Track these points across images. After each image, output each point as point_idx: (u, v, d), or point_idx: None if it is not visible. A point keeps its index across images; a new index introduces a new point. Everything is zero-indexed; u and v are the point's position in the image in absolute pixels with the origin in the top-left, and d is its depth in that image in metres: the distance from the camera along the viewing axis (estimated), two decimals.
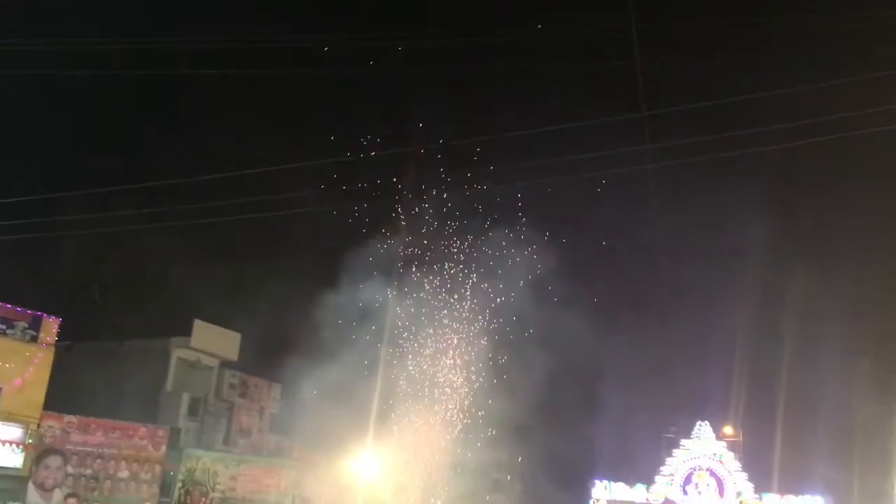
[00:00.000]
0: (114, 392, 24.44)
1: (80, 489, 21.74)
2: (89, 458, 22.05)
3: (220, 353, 31.05)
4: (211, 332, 30.46)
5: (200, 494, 22.56)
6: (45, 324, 24.47)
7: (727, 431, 46.46)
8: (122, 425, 22.92)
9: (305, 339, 19.07)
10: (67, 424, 21.99)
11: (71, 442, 21.90)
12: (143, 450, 22.93)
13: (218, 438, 29.95)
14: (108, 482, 22.23)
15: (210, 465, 23.21)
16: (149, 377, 28.18)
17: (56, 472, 21.48)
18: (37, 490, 21.19)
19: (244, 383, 32.04)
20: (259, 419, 32.35)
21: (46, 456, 21.50)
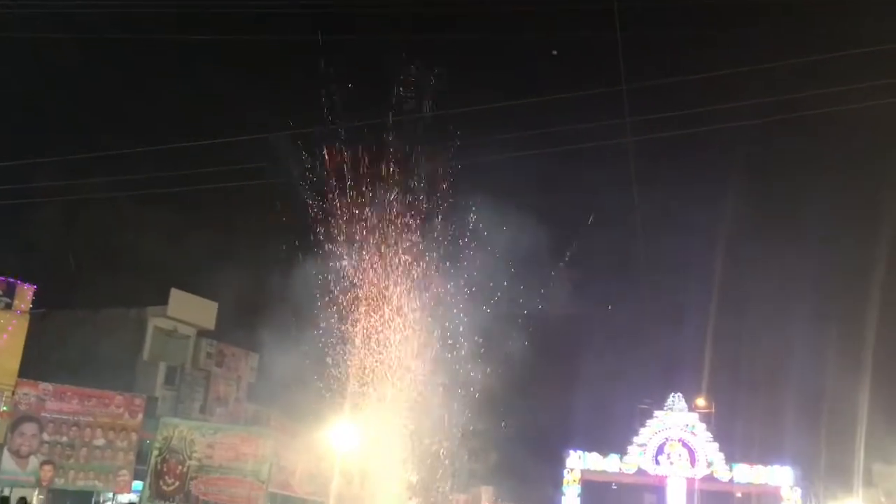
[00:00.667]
0: (90, 361, 24.39)
1: (55, 456, 21.73)
2: (65, 426, 22.01)
3: (198, 323, 31.01)
4: (188, 302, 30.39)
5: (177, 462, 22.62)
6: (19, 291, 24.30)
7: (700, 403, 47.22)
8: (97, 393, 22.87)
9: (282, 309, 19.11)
10: (43, 392, 21.92)
11: (46, 409, 21.84)
12: (119, 418, 22.92)
13: (195, 407, 29.99)
14: (84, 450, 22.21)
15: (187, 433, 23.24)
16: (125, 346, 28.12)
17: (31, 440, 21.45)
18: (12, 457, 21.16)
19: (221, 353, 32.05)
20: (236, 388, 32.41)
21: (21, 423, 21.44)
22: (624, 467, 45.65)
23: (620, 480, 48.06)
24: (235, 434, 24.13)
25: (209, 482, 22.42)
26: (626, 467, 45.62)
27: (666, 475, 44.86)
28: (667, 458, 44.94)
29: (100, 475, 22.54)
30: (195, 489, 22.28)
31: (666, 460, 44.92)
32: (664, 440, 45.13)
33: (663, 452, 45.04)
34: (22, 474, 21.26)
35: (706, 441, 44.95)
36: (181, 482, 22.36)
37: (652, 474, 45.22)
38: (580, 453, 45.86)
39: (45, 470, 21.46)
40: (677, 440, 45.14)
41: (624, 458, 45.62)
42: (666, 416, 45.77)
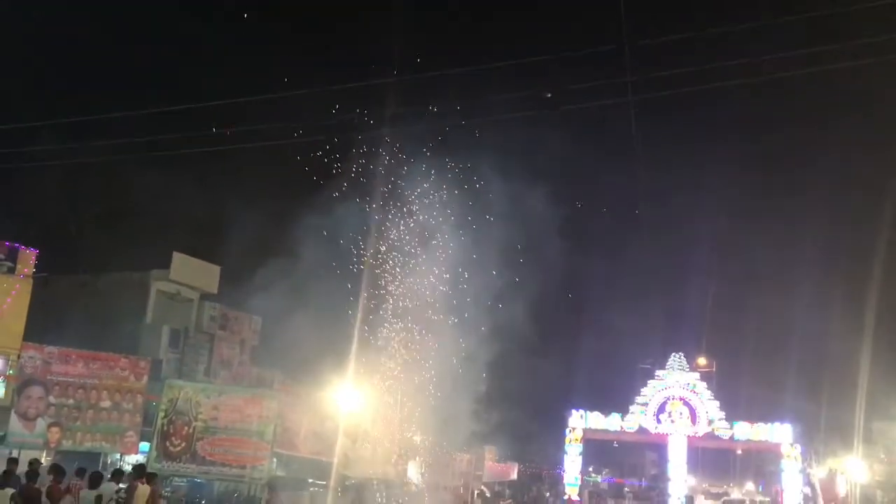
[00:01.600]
0: (94, 324, 24.49)
1: (62, 419, 21.92)
2: (71, 388, 22.17)
3: (200, 286, 31.10)
4: (190, 265, 30.45)
5: (183, 424, 22.79)
6: (21, 255, 24.34)
7: (701, 362, 47.54)
8: (102, 356, 23.01)
9: (285, 273, 19.12)
10: (48, 355, 22.05)
11: (52, 372, 21.99)
12: (124, 380, 23.08)
13: (199, 370, 30.19)
14: (90, 412, 22.41)
15: (192, 395, 23.39)
16: (129, 310, 28.23)
17: (38, 402, 21.62)
18: (19, 420, 21.35)
19: (224, 316, 32.17)
20: (240, 351, 32.60)
21: (28, 386, 21.60)
22: (625, 426, 46.10)
23: (622, 439, 48.61)
24: (240, 395, 24.28)
25: (215, 443, 22.63)
26: (627, 426, 46.07)
27: (667, 433, 45.31)
28: (668, 416, 45.35)
29: (107, 437, 22.78)
30: (201, 450, 22.49)
31: (667, 419, 45.34)
32: (665, 399, 45.51)
33: (664, 411, 45.45)
34: (30, 436, 21.47)
35: (707, 399, 45.33)
36: (187, 443, 22.57)
37: (653, 432, 45.67)
38: (582, 412, 46.29)
39: (53, 432, 21.66)
40: (678, 399, 45.52)
41: (625, 417, 46.06)
42: (667, 376, 46.10)
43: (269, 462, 23.30)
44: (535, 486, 44.05)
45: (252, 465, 22.46)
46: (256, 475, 22.09)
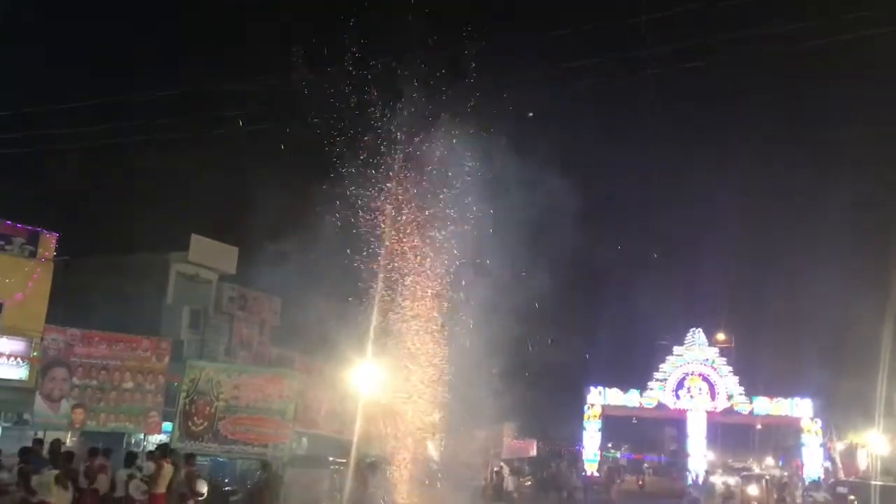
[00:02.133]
0: (115, 306, 24.69)
1: (86, 400, 22.18)
2: (94, 370, 22.40)
3: (219, 267, 31.33)
4: (209, 247, 30.66)
5: (205, 403, 22.99)
6: (42, 239, 24.63)
7: (719, 338, 47.40)
8: (124, 337, 23.22)
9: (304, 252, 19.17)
10: (70, 337, 22.27)
11: (75, 354, 22.22)
12: (146, 361, 23.29)
13: (220, 351, 30.46)
14: (113, 393, 22.65)
15: (213, 375, 23.56)
16: (149, 291, 28.48)
17: (62, 384, 21.87)
18: (44, 401, 21.62)
19: (243, 296, 32.40)
20: (259, 332, 32.84)
21: (51, 368, 21.84)
22: (644, 402, 46.22)
23: (641, 415, 48.76)
24: (261, 375, 24.47)
25: (237, 422, 22.82)
26: (646, 402, 46.20)
27: (686, 409, 45.37)
28: (687, 392, 45.39)
29: (130, 417, 23.03)
30: (223, 429, 22.69)
31: (686, 394, 45.38)
32: (684, 375, 45.54)
33: (683, 387, 45.49)
34: (54, 417, 21.76)
35: (726, 375, 45.30)
36: (209, 422, 22.78)
37: (672, 408, 45.77)
38: (601, 389, 46.44)
39: (77, 413, 21.92)
40: (697, 374, 45.53)
41: (644, 393, 46.16)
42: (686, 352, 46.10)
43: (290, 440, 23.51)
44: (555, 463, 44.16)
45: (274, 444, 22.66)
46: (278, 453, 22.29)
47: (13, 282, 23.58)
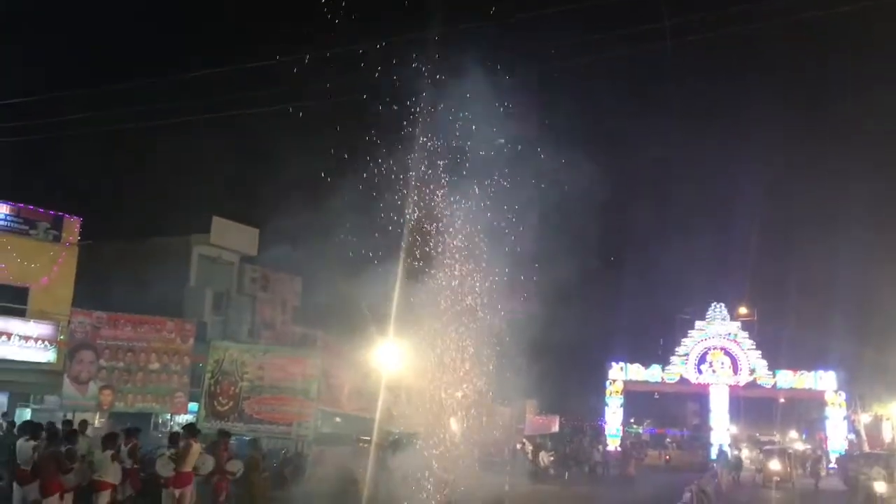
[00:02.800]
0: (139, 289, 24.95)
1: (113, 381, 22.49)
2: (120, 352, 22.70)
3: (240, 249, 31.52)
4: (230, 229, 30.84)
5: (230, 383, 23.26)
6: (66, 224, 24.89)
7: (742, 311, 47.12)
8: (149, 319, 23.49)
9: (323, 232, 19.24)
10: (97, 320, 22.55)
11: (101, 337, 22.51)
12: (171, 343, 23.56)
13: (243, 331, 30.71)
14: (140, 374, 22.96)
15: (237, 355, 23.82)
16: (172, 274, 28.69)
17: (89, 366, 22.19)
18: (72, 383, 21.95)
19: (265, 277, 32.60)
20: (282, 312, 33.06)
21: (79, 350, 22.16)
22: (666, 377, 46.17)
23: (662, 390, 48.73)
24: (284, 355, 24.69)
25: (261, 401, 23.08)
26: (668, 377, 46.14)
27: (708, 383, 45.27)
28: (709, 366, 45.27)
29: (157, 398, 23.35)
30: (248, 408, 22.96)
31: (708, 369, 45.27)
32: (706, 349, 45.40)
33: (705, 361, 45.37)
34: (83, 399, 22.09)
35: (749, 349, 45.11)
36: (234, 402, 23.05)
37: (694, 383, 45.69)
38: (622, 364, 46.44)
39: (105, 394, 22.25)
40: (719, 349, 45.38)
41: (666, 368, 46.10)
42: (707, 326, 45.93)
43: (314, 419, 23.73)
44: (577, 438, 44.31)
45: (298, 422, 22.90)
46: (303, 432, 22.52)
47: (39, 266, 23.89)
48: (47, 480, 12.17)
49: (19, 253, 23.50)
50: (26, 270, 23.57)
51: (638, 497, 26.42)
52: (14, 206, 23.87)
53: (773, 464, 33.83)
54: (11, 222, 23.75)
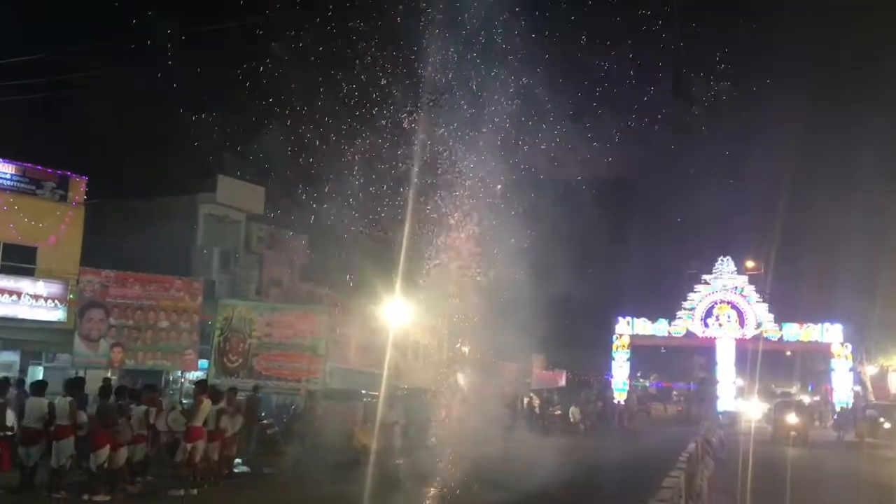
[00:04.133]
0: (146, 249, 24.99)
1: (123, 339, 22.69)
2: (129, 310, 22.86)
3: (246, 207, 31.51)
4: (235, 187, 30.79)
5: (239, 341, 23.48)
6: (72, 183, 24.92)
7: (749, 265, 47.14)
8: (157, 278, 23.60)
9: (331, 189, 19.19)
10: (105, 279, 22.67)
11: (110, 295, 22.65)
12: (180, 301, 23.69)
13: (251, 290, 30.83)
14: (149, 332, 23.14)
15: (245, 313, 24.01)
16: (179, 233, 28.71)
17: (99, 324, 22.36)
18: (83, 341, 22.15)
19: (272, 236, 32.63)
20: (289, 270, 33.14)
21: (88, 309, 22.31)
22: (672, 331, 46.42)
23: (669, 344, 49.03)
24: (292, 312, 24.86)
25: (270, 358, 23.31)
26: (674, 331, 46.39)
27: (715, 337, 45.49)
28: (715, 320, 45.47)
29: (167, 355, 23.57)
30: (257, 365, 23.21)
31: (714, 322, 45.47)
32: (713, 303, 45.56)
33: (712, 315, 45.56)
34: (94, 357, 22.31)
35: (755, 302, 45.24)
36: (244, 359, 23.29)
37: (701, 336, 45.95)
38: (629, 319, 46.67)
39: (116, 352, 22.46)
40: (726, 302, 45.54)
41: (672, 323, 46.33)
42: (714, 280, 46.03)
43: (323, 375, 23.97)
44: (584, 392, 44.69)
45: (307, 378, 23.14)
46: (312, 387, 22.77)
47: (46, 226, 23.95)
48: (98, 435, 12.64)
49: (26, 213, 23.56)
50: (34, 230, 23.65)
51: (645, 447, 26.75)
52: (20, 166, 23.86)
53: (789, 417, 31.08)
54: (17, 182, 23.77)
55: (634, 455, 24.40)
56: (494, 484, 13.78)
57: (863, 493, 16.34)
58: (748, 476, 13.73)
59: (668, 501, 6.82)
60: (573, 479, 17.03)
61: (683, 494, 8.83)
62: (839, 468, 22.83)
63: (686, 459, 10.83)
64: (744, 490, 12.77)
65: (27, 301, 22.13)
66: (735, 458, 17.62)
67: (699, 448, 14.29)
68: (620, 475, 18.25)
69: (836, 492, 16.58)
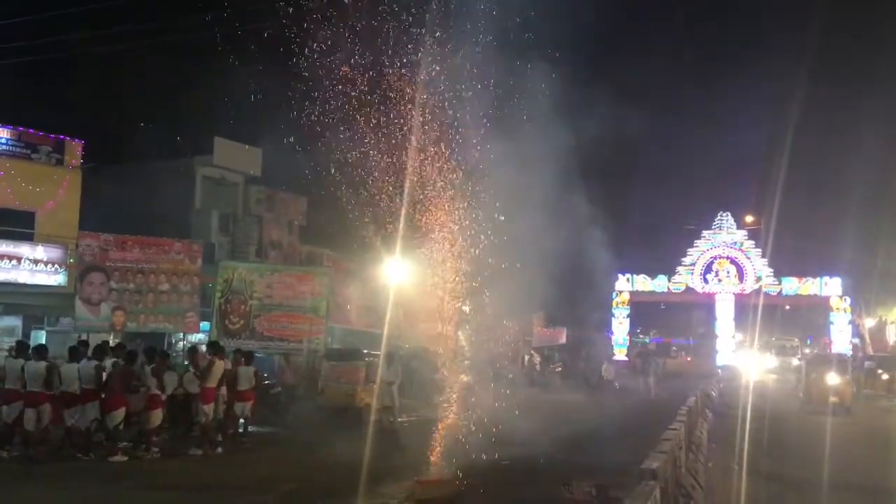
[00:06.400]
0: (145, 213, 24.97)
1: (124, 302, 22.79)
2: (130, 274, 22.92)
3: (244, 170, 31.37)
4: (232, 150, 30.63)
5: (240, 302, 23.58)
6: (68, 147, 24.79)
7: (748, 220, 47.17)
8: (157, 241, 23.63)
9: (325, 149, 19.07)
10: (104, 242, 22.70)
11: (110, 259, 22.70)
12: (180, 264, 23.75)
13: (250, 251, 30.85)
14: (150, 295, 23.24)
15: (246, 275, 24.08)
16: (177, 197, 28.64)
17: (100, 288, 22.45)
18: (84, 305, 22.26)
19: (270, 198, 32.55)
20: (288, 231, 33.15)
21: (89, 273, 22.38)
22: (672, 287, 46.58)
23: (668, 300, 49.24)
24: (292, 273, 24.95)
25: (271, 319, 23.44)
26: (674, 287, 46.55)
27: (714, 292, 45.64)
28: (715, 275, 45.60)
29: (168, 318, 23.68)
30: (259, 326, 23.34)
31: (714, 278, 45.61)
32: (712, 258, 45.66)
33: (711, 270, 45.68)
34: (96, 320, 22.43)
35: (755, 257, 45.32)
36: (245, 320, 23.41)
37: (700, 292, 46.11)
38: (628, 276, 46.77)
39: (117, 315, 22.58)
40: (725, 258, 45.63)
41: (672, 279, 46.46)
42: (713, 236, 46.07)
43: (324, 335, 24.11)
44: (584, 350, 44.96)
45: (309, 339, 23.28)
46: (314, 347, 22.92)
47: (43, 190, 23.89)
48: (114, 396, 12.98)
49: (23, 177, 23.48)
50: (31, 195, 23.59)
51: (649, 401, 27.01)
52: (15, 130, 23.71)
53: (829, 377, 23.35)
54: (13, 146, 23.64)
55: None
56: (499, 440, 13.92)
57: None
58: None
59: (669, 452, 6.90)
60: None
61: (683, 446, 8.93)
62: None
63: (686, 412, 10.95)
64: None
65: (27, 266, 22.15)
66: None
67: (699, 401, 14.44)
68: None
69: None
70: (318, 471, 12.58)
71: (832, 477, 11.65)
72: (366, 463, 11.71)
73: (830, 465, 12.59)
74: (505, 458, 12.82)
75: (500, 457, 12.83)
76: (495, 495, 11.20)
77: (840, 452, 14.34)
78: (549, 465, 12.98)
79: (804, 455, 14.25)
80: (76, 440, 13.02)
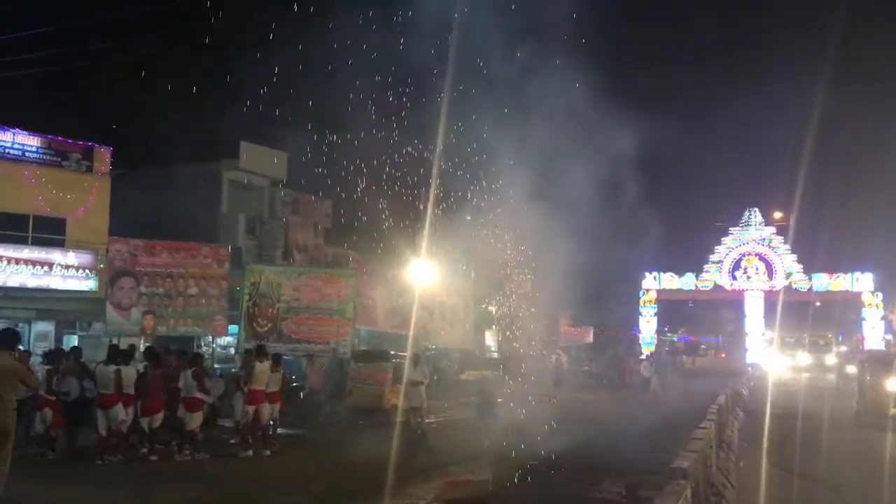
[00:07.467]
0: (173, 217, 25.21)
1: (154, 307, 23.02)
2: (159, 278, 23.16)
3: (270, 173, 31.55)
4: (258, 153, 30.81)
5: (267, 305, 23.67)
6: (97, 154, 25.08)
7: (777, 216, 46.64)
8: (185, 245, 23.85)
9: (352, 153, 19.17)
10: (134, 248, 22.95)
11: (140, 264, 22.94)
12: (208, 268, 23.95)
13: (277, 255, 31.02)
14: (179, 299, 23.45)
15: (273, 277, 24.16)
16: (204, 200, 28.88)
17: (130, 293, 22.70)
18: (115, 310, 22.51)
19: (296, 201, 32.71)
20: (314, 234, 33.30)
21: (119, 278, 22.64)
22: (700, 284, 46.19)
23: (696, 298, 48.84)
24: (318, 276, 25.00)
25: (299, 322, 23.50)
26: (702, 284, 46.16)
27: (743, 289, 45.19)
28: (743, 272, 45.14)
29: (198, 321, 23.90)
30: (286, 329, 23.41)
31: (742, 275, 45.15)
32: (740, 255, 45.21)
33: (740, 267, 45.24)
34: (126, 325, 22.68)
35: (784, 253, 44.81)
36: (273, 323, 23.50)
37: (728, 289, 45.69)
38: (655, 274, 46.46)
39: (147, 319, 22.82)
40: (754, 254, 45.16)
41: (700, 276, 46.08)
42: (741, 232, 45.62)
43: (351, 337, 24.17)
44: (612, 348, 44.70)
45: (336, 341, 23.35)
46: (341, 349, 23.00)
47: (74, 197, 24.19)
48: (152, 400, 13.29)
49: (54, 185, 23.78)
50: (62, 202, 23.89)
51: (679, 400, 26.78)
52: (44, 139, 24.03)
53: (890, 383, 17.89)
54: (44, 154, 23.95)
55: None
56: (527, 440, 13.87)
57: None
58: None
59: (700, 451, 6.84)
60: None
61: (714, 444, 8.85)
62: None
63: (716, 411, 10.85)
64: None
65: (59, 272, 22.45)
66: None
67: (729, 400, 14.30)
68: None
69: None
70: (346, 472, 12.62)
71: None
72: (394, 463, 11.75)
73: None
74: (534, 458, 12.79)
75: (530, 456, 12.81)
76: (524, 495, 11.16)
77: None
78: (579, 464, 12.92)
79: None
80: (113, 442, 13.14)
